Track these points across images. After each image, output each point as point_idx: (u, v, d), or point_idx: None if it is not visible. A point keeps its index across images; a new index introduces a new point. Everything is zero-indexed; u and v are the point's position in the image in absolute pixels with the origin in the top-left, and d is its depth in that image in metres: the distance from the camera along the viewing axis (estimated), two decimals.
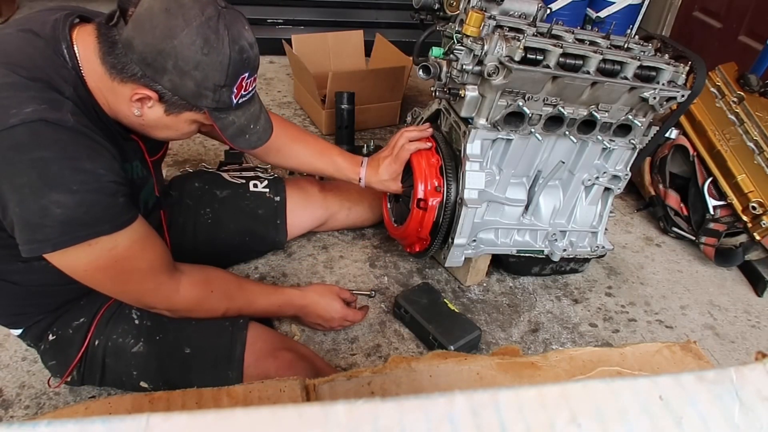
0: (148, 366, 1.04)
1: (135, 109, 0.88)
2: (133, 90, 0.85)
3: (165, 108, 0.89)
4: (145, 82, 0.84)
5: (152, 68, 0.82)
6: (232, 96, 0.89)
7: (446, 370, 0.65)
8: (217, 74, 0.85)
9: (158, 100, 0.87)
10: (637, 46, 1.33)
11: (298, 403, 0.34)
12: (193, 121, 0.94)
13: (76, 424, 0.31)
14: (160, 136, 0.98)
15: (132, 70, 0.83)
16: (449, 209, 1.33)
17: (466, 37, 1.19)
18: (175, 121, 0.92)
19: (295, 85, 2.49)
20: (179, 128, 0.95)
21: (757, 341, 1.50)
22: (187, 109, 0.89)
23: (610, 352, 0.71)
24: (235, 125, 0.94)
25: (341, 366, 1.27)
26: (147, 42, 0.81)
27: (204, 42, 0.82)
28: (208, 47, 0.82)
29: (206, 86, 0.85)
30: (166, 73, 0.83)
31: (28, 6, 2.91)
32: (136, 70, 0.83)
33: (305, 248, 1.62)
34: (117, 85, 0.86)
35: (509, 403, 0.36)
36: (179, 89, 0.85)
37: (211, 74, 0.84)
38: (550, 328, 1.46)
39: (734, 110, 1.80)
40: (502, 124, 1.26)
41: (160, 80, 0.84)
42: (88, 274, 0.88)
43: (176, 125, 0.93)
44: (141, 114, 0.89)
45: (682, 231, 1.83)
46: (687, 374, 0.39)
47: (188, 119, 0.92)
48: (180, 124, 0.93)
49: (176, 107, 0.89)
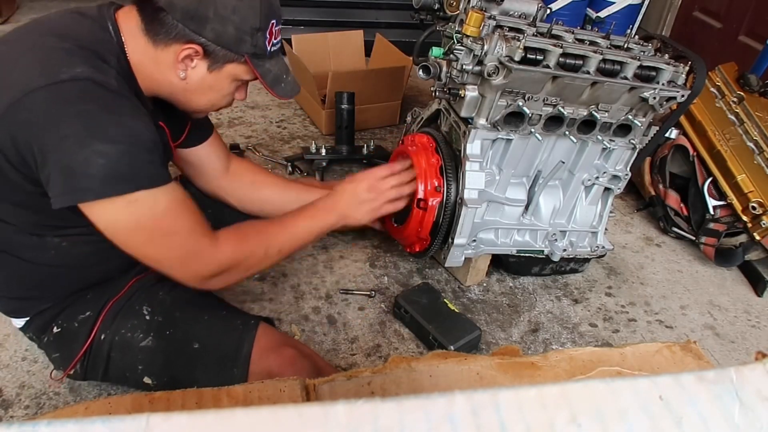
0: (154, 361, 1.04)
1: (180, 71, 0.94)
2: (178, 50, 0.91)
3: (208, 64, 0.94)
4: (189, 38, 0.90)
5: (195, 20, 0.89)
6: (266, 42, 0.96)
7: (446, 370, 0.65)
8: (252, 16, 0.92)
9: (203, 55, 0.93)
10: (637, 46, 1.33)
11: (298, 403, 0.34)
12: (233, 78, 0.99)
13: (76, 424, 0.31)
14: (201, 101, 1.02)
15: (176, 29, 0.89)
16: (449, 209, 1.33)
17: (466, 37, 1.19)
18: (217, 78, 0.97)
19: None
20: (221, 86, 0.99)
21: (757, 341, 1.50)
22: (229, 60, 0.95)
23: (610, 352, 0.71)
24: (272, 73, 1.01)
25: (341, 366, 1.27)
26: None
27: None
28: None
29: (245, 30, 0.92)
30: (208, 22, 0.89)
31: (28, 6, 2.91)
32: (179, 27, 0.89)
33: (305, 248, 1.62)
34: (161, 53, 0.92)
35: (509, 403, 0.36)
36: (221, 36, 0.91)
37: (248, 17, 0.91)
38: (550, 328, 1.46)
39: (734, 110, 1.80)
40: (502, 124, 1.26)
41: (203, 31, 0.90)
42: (129, 235, 0.87)
43: (218, 83, 0.98)
44: (185, 76, 0.95)
45: (682, 231, 1.83)
46: (687, 374, 0.39)
47: (229, 74, 0.97)
48: (222, 82, 0.98)
49: (219, 60, 0.94)
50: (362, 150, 2.01)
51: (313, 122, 2.34)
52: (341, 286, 1.50)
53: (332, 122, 2.08)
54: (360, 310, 1.43)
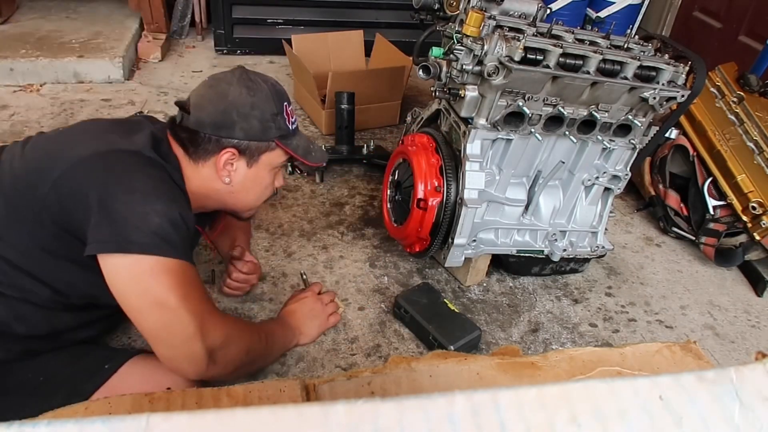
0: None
1: (224, 177, 1.06)
2: (217, 160, 1.04)
3: (246, 161, 1.06)
4: (224, 144, 1.03)
5: (224, 127, 1.02)
6: (286, 123, 1.09)
7: (446, 370, 0.65)
8: (268, 105, 1.05)
9: (239, 155, 1.05)
10: (637, 46, 1.33)
11: (298, 403, 0.34)
12: (271, 167, 1.11)
13: (76, 424, 0.31)
14: (249, 199, 1.14)
15: (210, 141, 1.03)
16: (449, 209, 1.33)
17: (466, 37, 1.19)
18: (257, 171, 1.09)
19: (295, 85, 2.49)
20: (262, 178, 1.11)
21: (757, 341, 1.50)
22: (262, 150, 1.07)
23: (610, 352, 0.71)
24: (301, 147, 1.13)
25: (341, 366, 1.27)
26: (210, 111, 1.02)
27: (247, 89, 1.03)
28: (252, 90, 1.04)
29: (266, 118, 1.04)
30: (236, 124, 1.02)
31: (28, 6, 2.91)
32: (213, 139, 1.02)
33: (305, 248, 1.62)
34: (203, 168, 1.05)
35: (509, 403, 0.36)
36: (250, 132, 1.03)
37: (265, 107, 1.04)
38: (550, 328, 1.46)
39: (734, 110, 1.80)
40: (502, 124, 1.26)
41: (234, 133, 1.03)
42: (143, 296, 0.88)
43: (259, 176, 1.10)
44: (230, 180, 1.07)
45: (682, 231, 1.83)
46: (687, 374, 0.39)
47: (266, 163, 1.09)
48: (261, 173, 1.10)
49: (254, 154, 1.06)
50: (362, 150, 2.01)
51: (313, 122, 2.34)
52: (341, 286, 1.50)
53: (332, 122, 2.08)
54: (360, 310, 1.43)
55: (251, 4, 2.84)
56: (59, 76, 2.43)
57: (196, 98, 1.05)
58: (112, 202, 0.86)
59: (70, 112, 2.22)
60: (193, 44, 3.02)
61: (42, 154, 0.95)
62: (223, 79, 1.06)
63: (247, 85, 1.04)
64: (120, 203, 0.86)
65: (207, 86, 1.06)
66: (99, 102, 2.33)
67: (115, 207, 0.86)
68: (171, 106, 2.34)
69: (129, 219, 0.85)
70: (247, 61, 2.88)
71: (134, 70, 2.64)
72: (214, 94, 1.04)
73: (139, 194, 0.88)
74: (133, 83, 2.53)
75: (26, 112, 2.19)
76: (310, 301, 1.32)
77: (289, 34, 2.48)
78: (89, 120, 1.08)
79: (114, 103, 2.32)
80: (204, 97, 1.04)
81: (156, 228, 0.87)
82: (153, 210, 0.87)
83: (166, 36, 2.88)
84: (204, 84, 1.07)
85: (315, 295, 1.35)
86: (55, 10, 2.91)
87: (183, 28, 3.03)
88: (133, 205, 0.87)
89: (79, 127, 1.03)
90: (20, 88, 2.36)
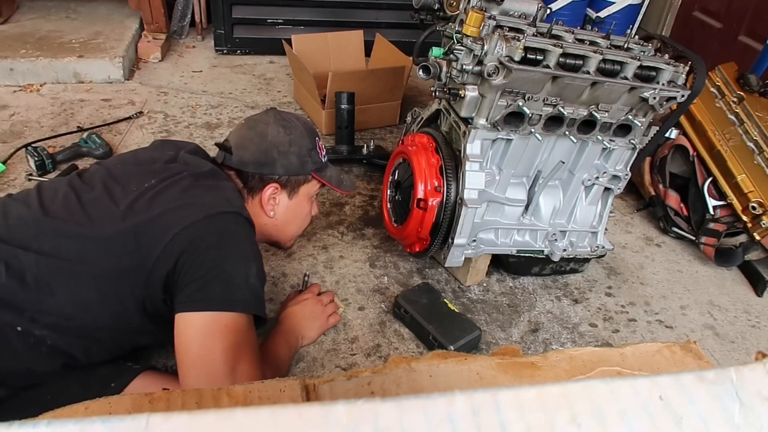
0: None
1: (270, 211, 1.16)
2: (262, 195, 1.14)
3: (288, 193, 1.17)
4: (268, 179, 1.13)
5: (266, 165, 1.12)
6: (320, 156, 1.20)
7: (446, 370, 0.65)
8: (304, 142, 1.15)
9: (281, 188, 1.15)
10: (637, 46, 1.33)
11: (298, 403, 0.34)
12: (309, 197, 1.22)
13: (76, 424, 0.31)
14: (291, 229, 1.24)
15: (254, 179, 1.13)
16: (449, 209, 1.33)
17: (466, 37, 1.19)
18: (298, 202, 1.19)
19: (295, 85, 2.49)
20: (302, 208, 1.22)
21: (757, 341, 1.50)
22: (301, 182, 1.18)
23: (610, 352, 0.71)
24: (334, 177, 1.25)
25: (341, 366, 1.27)
26: (252, 151, 1.12)
27: (284, 128, 1.14)
28: (289, 129, 1.14)
29: (303, 153, 1.15)
30: (276, 161, 1.12)
31: (28, 6, 2.91)
32: (257, 177, 1.13)
33: (305, 248, 1.62)
34: (252, 205, 1.14)
35: (509, 403, 0.36)
36: (290, 168, 1.14)
37: (302, 143, 1.15)
38: (550, 328, 1.46)
39: (734, 110, 1.80)
40: (502, 124, 1.26)
41: (275, 170, 1.13)
42: (233, 345, 0.93)
43: (299, 206, 1.20)
44: (275, 213, 1.17)
45: (682, 231, 1.83)
46: (687, 374, 0.39)
47: (305, 194, 1.20)
48: (301, 204, 1.21)
49: (294, 187, 1.17)
50: (362, 150, 2.01)
51: (313, 122, 2.34)
52: (341, 286, 1.50)
53: (332, 122, 2.08)
54: (360, 310, 1.43)
55: (251, 4, 2.84)
56: (59, 76, 2.43)
57: (236, 139, 1.15)
58: (222, 263, 0.93)
59: (70, 112, 2.22)
60: (193, 44, 3.02)
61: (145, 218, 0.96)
62: (261, 120, 1.16)
63: (283, 125, 1.14)
64: (228, 265, 0.94)
65: (246, 128, 1.16)
66: (99, 102, 2.33)
67: (223, 269, 0.93)
68: (171, 106, 2.34)
69: (235, 280, 0.94)
70: (247, 61, 2.88)
71: (134, 70, 2.64)
72: (255, 135, 1.13)
73: (243, 256, 0.97)
74: (133, 83, 2.53)
75: (26, 112, 2.19)
76: (310, 303, 1.33)
77: (289, 34, 2.48)
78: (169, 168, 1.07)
79: (114, 103, 2.33)
80: (245, 138, 1.14)
81: (254, 288, 0.97)
82: (251, 272, 0.97)
83: (166, 36, 2.88)
84: (242, 126, 1.18)
85: (314, 296, 1.36)
86: (55, 10, 2.91)
87: (183, 28, 3.03)
88: (239, 266, 0.95)
89: (169, 181, 1.02)
90: (20, 88, 2.36)
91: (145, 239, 0.93)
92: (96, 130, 2.07)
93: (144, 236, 0.93)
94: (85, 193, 1.00)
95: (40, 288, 0.90)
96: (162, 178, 1.02)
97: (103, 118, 2.18)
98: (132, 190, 1.00)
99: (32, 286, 0.89)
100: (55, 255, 0.91)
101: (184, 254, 0.92)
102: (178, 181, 1.02)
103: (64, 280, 0.91)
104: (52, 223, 0.95)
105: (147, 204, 0.98)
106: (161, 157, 1.11)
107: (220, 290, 0.92)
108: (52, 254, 0.91)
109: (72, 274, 0.92)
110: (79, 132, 2.03)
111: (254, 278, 0.98)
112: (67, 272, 0.92)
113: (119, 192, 1.00)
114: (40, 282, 0.90)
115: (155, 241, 0.93)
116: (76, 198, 0.99)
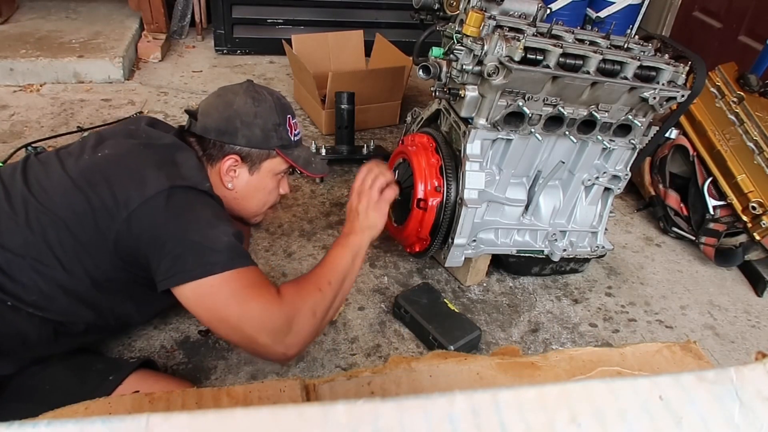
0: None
1: (228, 183, 1.10)
2: (222, 165, 1.09)
3: (248, 167, 1.11)
4: (227, 151, 1.09)
5: (227, 133, 1.08)
6: (288, 134, 1.13)
7: (446, 370, 0.65)
8: (272, 116, 1.10)
9: (241, 162, 1.10)
10: (637, 46, 1.33)
11: (298, 403, 0.34)
12: (273, 173, 1.15)
13: (76, 424, 0.31)
14: (253, 205, 1.17)
15: (215, 146, 1.08)
16: (449, 209, 1.33)
17: (466, 37, 1.19)
18: (260, 177, 1.13)
19: (295, 85, 2.49)
20: (265, 184, 1.15)
21: (757, 341, 1.50)
22: (264, 158, 1.11)
23: (610, 352, 0.71)
24: (302, 158, 1.17)
25: (341, 366, 1.27)
26: (216, 118, 1.08)
27: (252, 99, 1.09)
28: (257, 101, 1.09)
29: (269, 127, 1.10)
30: (238, 131, 1.08)
31: (28, 6, 2.91)
32: (218, 144, 1.08)
33: (305, 248, 1.62)
34: (213, 173, 1.10)
35: (509, 403, 0.36)
36: (252, 139, 1.09)
37: (268, 117, 1.10)
38: (550, 328, 1.46)
39: (734, 110, 1.80)
40: (502, 124, 1.26)
41: (236, 140, 1.08)
42: (226, 304, 0.93)
43: (262, 182, 1.14)
44: (233, 186, 1.11)
45: (682, 231, 1.83)
46: (687, 374, 0.39)
47: (268, 170, 1.13)
48: (264, 180, 1.14)
49: (255, 161, 1.11)
50: (362, 150, 2.01)
51: (313, 122, 2.34)
52: None
53: (332, 122, 2.08)
54: (360, 310, 1.43)
55: (251, 4, 2.84)
56: (59, 76, 2.43)
57: (204, 106, 1.12)
58: (189, 235, 0.92)
59: (70, 112, 2.22)
60: (193, 44, 3.02)
61: (104, 189, 0.95)
62: (231, 90, 1.12)
63: (253, 96, 1.09)
64: (194, 234, 0.93)
65: (215, 95, 1.13)
66: (99, 102, 2.33)
67: (192, 239, 0.92)
68: (171, 106, 2.34)
69: (206, 245, 0.92)
70: (247, 61, 2.88)
71: (134, 70, 2.64)
72: (221, 103, 1.10)
73: (205, 221, 0.95)
74: (133, 83, 2.53)
75: (26, 112, 2.19)
76: (356, 195, 1.20)
77: (289, 34, 2.48)
78: (128, 141, 1.06)
79: (114, 103, 2.32)
80: (211, 105, 1.11)
81: (227, 244, 0.94)
82: (220, 232, 0.94)
83: (166, 36, 2.88)
84: (213, 93, 1.14)
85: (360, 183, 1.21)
86: (55, 10, 2.91)
87: (183, 28, 3.03)
88: (206, 232, 0.93)
89: (124, 150, 1.02)
90: (20, 88, 2.36)
91: (101, 216, 0.93)
92: (96, 130, 2.07)
93: (100, 213, 0.93)
94: (37, 175, 1.00)
95: (14, 279, 0.93)
96: (118, 152, 1.02)
97: (103, 118, 2.18)
98: (85, 159, 1.01)
99: (8, 274, 0.93)
100: (13, 249, 0.93)
101: (144, 234, 0.93)
102: (135, 155, 1.01)
103: (30, 271, 0.94)
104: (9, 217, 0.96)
105: (102, 176, 0.97)
106: (121, 132, 1.10)
107: (192, 260, 0.91)
108: (11, 250, 0.93)
109: (38, 257, 0.94)
110: (79, 132, 2.03)
111: (226, 236, 0.95)
112: (30, 261, 0.94)
113: (71, 163, 1.00)
114: (12, 271, 0.93)
115: (112, 218, 0.92)
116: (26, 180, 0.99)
